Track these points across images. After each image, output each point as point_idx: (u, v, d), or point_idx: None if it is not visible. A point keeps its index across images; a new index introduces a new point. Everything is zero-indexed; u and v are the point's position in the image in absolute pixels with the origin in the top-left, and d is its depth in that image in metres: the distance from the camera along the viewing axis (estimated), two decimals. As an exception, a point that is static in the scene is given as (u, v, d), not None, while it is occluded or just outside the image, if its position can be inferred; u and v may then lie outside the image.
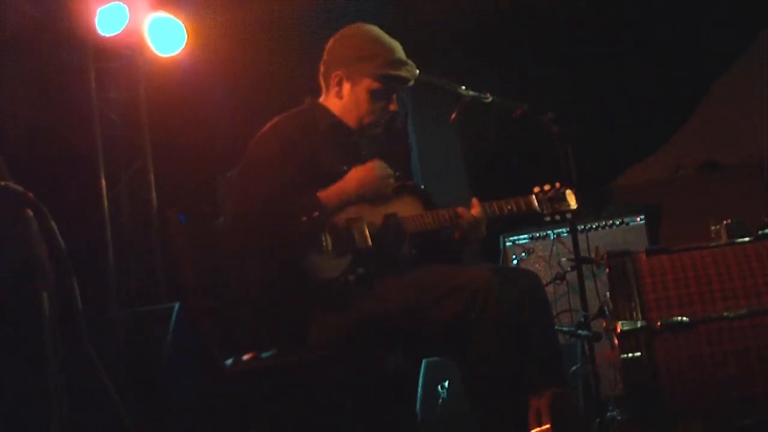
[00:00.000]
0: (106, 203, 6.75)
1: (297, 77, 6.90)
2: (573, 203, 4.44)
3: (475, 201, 4.33)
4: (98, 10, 6.42)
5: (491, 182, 7.49)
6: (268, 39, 6.98)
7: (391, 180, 4.24)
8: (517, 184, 4.50)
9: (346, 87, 4.30)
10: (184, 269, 4.29)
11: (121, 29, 6.54)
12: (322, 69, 4.39)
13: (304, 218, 3.97)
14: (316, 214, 3.99)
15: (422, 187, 4.54)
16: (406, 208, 4.33)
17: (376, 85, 4.27)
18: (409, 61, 4.33)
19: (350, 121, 4.34)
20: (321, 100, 4.41)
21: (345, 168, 4.26)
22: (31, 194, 2.85)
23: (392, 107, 4.34)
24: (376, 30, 4.36)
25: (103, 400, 5.00)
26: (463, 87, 4.71)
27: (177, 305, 5.95)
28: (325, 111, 4.36)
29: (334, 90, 4.33)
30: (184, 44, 6.69)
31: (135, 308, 6.51)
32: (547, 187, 4.45)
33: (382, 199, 4.31)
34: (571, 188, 4.46)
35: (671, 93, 8.35)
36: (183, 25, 6.69)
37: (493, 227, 4.49)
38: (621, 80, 8.06)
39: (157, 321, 5.91)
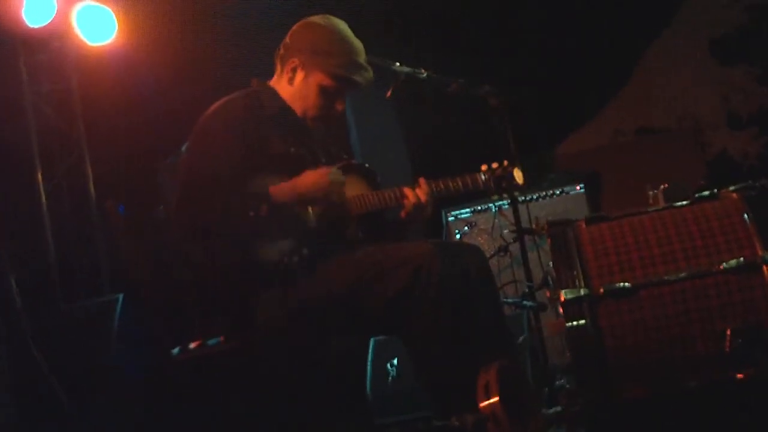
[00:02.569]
0: (43, 197, 6.70)
1: (230, 61, 6.87)
2: (520, 180, 4.45)
3: (421, 180, 4.31)
4: (25, 2, 6.33)
5: (432, 159, 7.51)
6: (199, 24, 6.94)
7: (343, 188, 4.19)
8: (459, 160, 4.51)
9: (299, 76, 4.27)
10: (126, 259, 4.28)
11: (50, 20, 6.46)
12: (281, 51, 4.35)
13: (252, 213, 3.96)
14: (265, 209, 3.98)
15: (367, 165, 4.53)
16: (350, 188, 4.32)
17: (328, 82, 4.24)
18: (368, 66, 4.30)
19: (296, 109, 4.32)
20: (271, 82, 4.38)
21: (293, 150, 4.25)
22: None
23: (339, 107, 4.32)
24: (342, 26, 4.31)
25: (48, 394, 4.99)
26: (398, 64, 4.72)
27: (121, 296, 5.92)
28: (274, 94, 4.33)
29: (287, 75, 4.30)
30: (115, 32, 6.62)
31: (79, 301, 6.48)
32: (494, 165, 4.43)
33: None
34: (518, 166, 4.45)
35: (606, 60, 8.41)
36: (112, 12, 6.62)
37: (435, 202, 4.48)
38: (555, 49, 8.11)
39: (102, 313, 5.87)
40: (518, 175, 4.44)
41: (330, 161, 4.38)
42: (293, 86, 4.30)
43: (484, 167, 4.42)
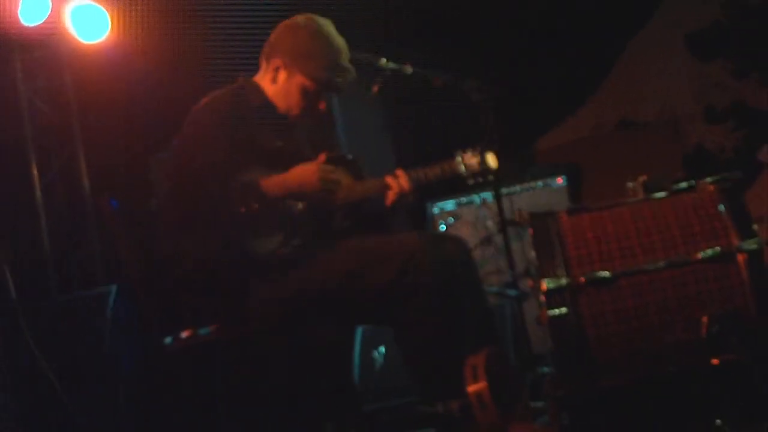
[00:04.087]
0: (38, 192, 6.78)
1: (221, 57, 6.95)
2: (494, 164, 4.49)
3: (399, 171, 4.40)
4: (21, 1, 6.40)
5: (417, 153, 7.56)
6: (190, 21, 6.98)
7: (335, 179, 4.19)
8: (443, 154, 4.58)
9: (282, 76, 4.32)
10: (120, 253, 4.35)
11: (44, 18, 6.53)
12: (266, 49, 4.40)
13: (243, 209, 3.99)
14: (256, 206, 4.00)
15: (350, 157, 4.60)
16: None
17: (309, 84, 4.29)
18: (350, 67, 4.34)
19: (279, 106, 4.37)
20: (256, 78, 4.42)
21: (279, 143, 4.30)
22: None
23: (321, 106, 4.37)
24: (325, 27, 4.35)
25: (44, 386, 5.07)
26: (384, 59, 4.80)
27: (115, 287, 6.00)
28: (258, 90, 4.37)
29: (270, 74, 4.35)
30: (108, 30, 6.70)
31: (73, 293, 6.56)
32: (468, 152, 4.50)
33: None
34: (491, 150, 4.53)
35: (586, 55, 8.48)
36: (105, 11, 6.69)
37: (420, 195, 4.56)
38: (537, 44, 8.17)
39: (96, 304, 5.95)
40: (492, 158, 4.50)
41: (315, 154, 4.44)
42: (277, 85, 4.34)
43: (458, 154, 4.47)
